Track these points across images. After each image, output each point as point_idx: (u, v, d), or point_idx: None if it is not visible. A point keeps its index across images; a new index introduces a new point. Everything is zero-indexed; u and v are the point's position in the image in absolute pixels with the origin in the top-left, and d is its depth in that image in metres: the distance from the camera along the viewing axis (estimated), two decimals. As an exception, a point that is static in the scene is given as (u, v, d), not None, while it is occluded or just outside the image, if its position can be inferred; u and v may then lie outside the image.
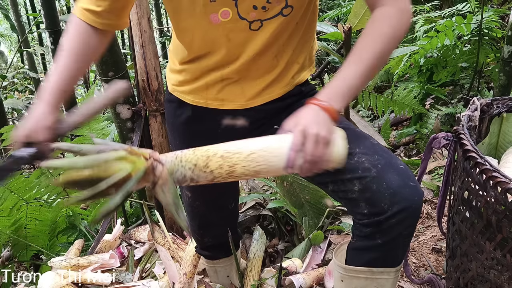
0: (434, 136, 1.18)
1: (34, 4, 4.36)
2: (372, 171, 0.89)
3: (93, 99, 0.98)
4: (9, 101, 4.45)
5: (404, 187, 0.88)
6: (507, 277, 1.03)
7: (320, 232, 1.73)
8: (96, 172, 0.72)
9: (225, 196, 1.33)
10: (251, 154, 0.80)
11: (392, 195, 0.86)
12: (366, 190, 0.89)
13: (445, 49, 2.71)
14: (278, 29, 0.94)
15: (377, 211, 0.88)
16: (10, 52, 6.97)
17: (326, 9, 4.30)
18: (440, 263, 1.57)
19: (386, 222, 0.87)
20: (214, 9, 0.91)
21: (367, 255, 0.95)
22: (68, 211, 2.22)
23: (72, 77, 0.97)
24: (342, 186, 0.93)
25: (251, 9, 0.91)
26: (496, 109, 1.30)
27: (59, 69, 0.96)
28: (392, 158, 0.93)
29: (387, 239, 0.90)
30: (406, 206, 0.87)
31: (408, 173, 0.91)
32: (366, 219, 0.90)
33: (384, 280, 0.96)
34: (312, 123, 0.82)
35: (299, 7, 0.94)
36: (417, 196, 0.88)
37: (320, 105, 0.86)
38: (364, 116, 3.36)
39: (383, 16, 0.89)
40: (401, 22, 0.89)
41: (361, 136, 0.97)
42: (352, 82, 0.88)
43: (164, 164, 0.79)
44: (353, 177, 0.90)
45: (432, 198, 1.98)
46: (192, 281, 1.54)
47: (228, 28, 0.93)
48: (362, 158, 0.91)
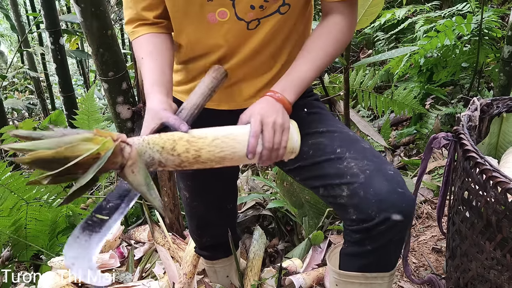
0: (434, 136, 1.18)
1: (34, 4, 4.36)
2: (360, 177, 0.89)
3: (198, 86, 0.96)
4: (9, 101, 4.45)
5: (392, 193, 0.87)
6: (507, 277, 1.03)
7: (320, 232, 1.73)
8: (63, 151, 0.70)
9: (223, 196, 1.33)
10: (215, 140, 0.82)
11: (379, 202, 0.86)
12: (354, 196, 0.89)
13: (445, 49, 2.71)
14: (275, 27, 0.95)
15: (364, 218, 0.87)
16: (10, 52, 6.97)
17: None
18: (440, 263, 1.57)
19: (375, 229, 0.87)
20: (212, 9, 0.91)
21: (359, 261, 0.95)
22: (68, 211, 2.22)
23: (163, 72, 0.96)
24: (331, 191, 0.93)
25: (248, 9, 0.91)
26: (496, 109, 1.30)
27: (150, 68, 0.95)
28: (382, 164, 0.92)
29: (376, 246, 0.90)
30: (393, 213, 0.86)
31: (397, 179, 0.90)
32: (355, 225, 0.90)
33: (378, 285, 0.96)
34: (268, 112, 0.87)
35: (296, 5, 0.95)
36: (405, 202, 0.87)
37: (274, 97, 0.91)
38: (364, 116, 3.36)
39: (336, 23, 0.96)
40: (350, 31, 0.98)
41: (353, 140, 0.97)
42: (304, 76, 0.94)
43: (132, 145, 0.78)
44: (341, 182, 0.90)
45: (432, 198, 1.98)
46: (192, 281, 1.54)
47: (225, 28, 0.94)
48: (351, 163, 0.91)
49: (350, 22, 0.98)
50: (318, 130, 1.00)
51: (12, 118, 5.02)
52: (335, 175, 0.92)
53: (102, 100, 4.49)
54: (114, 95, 1.81)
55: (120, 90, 1.81)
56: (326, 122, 1.02)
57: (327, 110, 1.12)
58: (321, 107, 1.10)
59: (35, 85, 4.67)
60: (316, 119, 1.03)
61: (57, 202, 2.16)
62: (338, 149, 0.94)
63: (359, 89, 2.36)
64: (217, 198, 1.30)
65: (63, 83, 2.92)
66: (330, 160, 0.94)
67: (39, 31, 4.14)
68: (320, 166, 0.95)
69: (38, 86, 4.62)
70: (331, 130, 1.00)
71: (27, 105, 4.95)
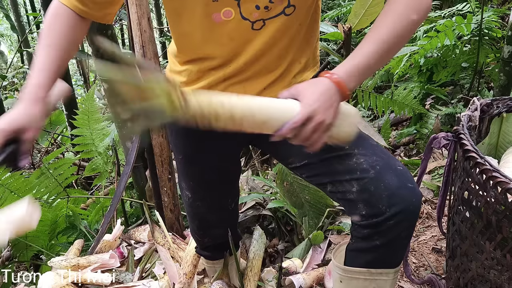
0: (434, 136, 1.18)
1: (34, 4, 4.36)
2: (370, 172, 0.89)
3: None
4: (9, 101, 4.45)
5: (402, 188, 0.88)
6: (507, 277, 1.03)
7: (320, 232, 1.73)
8: (138, 92, 0.72)
9: (225, 196, 1.33)
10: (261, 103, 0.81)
11: (389, 197, 0.87)
12: (364, 191, 0.89)
13: (445, 49, 2.71)
14: (281, 28, 0.94)
15: (375, 213, 0.88)
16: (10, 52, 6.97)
17: (326, 9, 4.30)
18: (440, 263, 1.57)
19: (384, 224, 0.88)
20: (216, 9, 0.91)
21: (365, 256, 0.95)
22: (68, 211, 2.22)
23: (54, 61, 0.93)
24: (340, 187, 0.93)
25: (253, 9, 0.90)
26: (496, 109, 1.30)
27: (41, 57, 0.93)
28: (391, 160, 0.93)
29: (385, 241, 0.90)
30: (403, 208, 0.87)
31: (407, 175, 0.91)
32: (364, 220, 0.90)
33: (383, 281, 0.96)
34: (321, 108, 0.80)
35: (302, 6, 0.94)
36: (415, 197, 0.88)
37: (335, 81, 0.82)
38: (364, 116, 3.36)
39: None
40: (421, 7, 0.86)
41: (361, 137, 0.97)
42: (370, 61, 0.84)
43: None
44: (351, 178, 0.91)
45: (432, 198, 1.98)
46: (192, 281, 1.54)
47: (230, 27, 0.93)
48: (360, 159, 0.91)
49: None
50: None
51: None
52: (344, 171, 0.92)
53: (102, 100, 4.48)
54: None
55: (120, 90, 1.81)
56: None
57: None
58: None
59: (35, 85, 4.66)
60: None
61: (57, 202, 2.16)
62: (346, 145, 0.94)
63: (359, 89, 2.36)
64: (220, 199, 1.30)
65: (63, 83, 2.92)
66: (338, 157, 0.94)
67: (39, 31, 4.14)
68: (328, 162, 0.95)
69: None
70: None
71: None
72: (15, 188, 2.01)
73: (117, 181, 2.12)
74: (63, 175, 2.14)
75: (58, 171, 2.12)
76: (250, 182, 2.38)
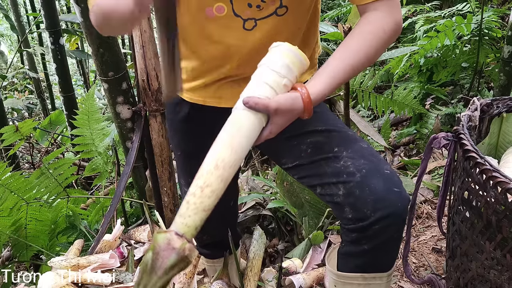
0: (434, 136, 1.18)
1: (34, 4, 4.36)
2: (356, 176, 0.89)
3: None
4: (9, 101, 4.45)
5: (388, 193, 0.87)
6: (507, 277, 1.03)
7: (320, 232, 1.73)
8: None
9: (224, 194, 1.33)
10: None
11: (375, 201, 0.86)
12: (350, 195, 0.89)
13: (445, 49, 2.71)
14: (273, 29, 0.94)
15: (360, 217, 0.88)
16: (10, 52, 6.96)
17: (326, 9, 4.30)
18: (440, 263, 1.57)
19: (370, 228, 0.87)
20: (209, 3, 0.91)
21: (355, 261, 0.95)
22: (68, 211, 2.22)
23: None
24: (328, 190, 0.93)
25: (245, 7, 0.91)
26: (496, 109, 1.30)
27: None
28: (380, 163, 0.92)
29: (372, 245, 0.90)
30: (389, 213, 0.86)
31: (394, 179, 0.90)
32: (351, 224, 0.90)
33: (377, 285, 0.96)
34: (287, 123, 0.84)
35: (295, 8, 0.94)
36: (400, 202, 0.87)
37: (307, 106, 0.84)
38: (364, 116, 3.36)
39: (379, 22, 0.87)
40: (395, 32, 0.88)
41: (351, 139, 0.97)
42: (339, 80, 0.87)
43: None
44: (338, 181, 0.91)
45: (432, 198, 1.98)
46: (192, 281, 1.54)
47: (222, 24, 0.93)
48: (348, 162, 0.91)
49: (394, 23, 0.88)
50: (317, 129, 1.00)
51: (12, 118, 5.00)
52: (331, 174, 0.92)
53: (102, 100, 4.49)
54: (114, 95, 1.81)
55: (120, 90, 1.81)
56: (326, 121, 1.02)
57: (327, 109, 1.13)
58: (321, 106, 1.10)
59: (35, 85, 4.67)
60: (316, 118, 1.03)
61: (57, 202, 2.16)
62: (335, 148, 0.94)
63: (359, 89, 2.36)
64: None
65: (63, 83, 2.93)
66: (327, 159, 0.94)
67: (39, 31, 4.14)
68: (317, 164, 0.96)
69: (38, 86, 4.62)
70: (330, 129, 1.00)
71: (27, 105, 4.95)
72: (15, 188, 2.01)
73: (117, 181, 2.12)
74: (63, 175, 2.14)
75: (58, 171, 2.12)
76: (250, 182, 2.38)
